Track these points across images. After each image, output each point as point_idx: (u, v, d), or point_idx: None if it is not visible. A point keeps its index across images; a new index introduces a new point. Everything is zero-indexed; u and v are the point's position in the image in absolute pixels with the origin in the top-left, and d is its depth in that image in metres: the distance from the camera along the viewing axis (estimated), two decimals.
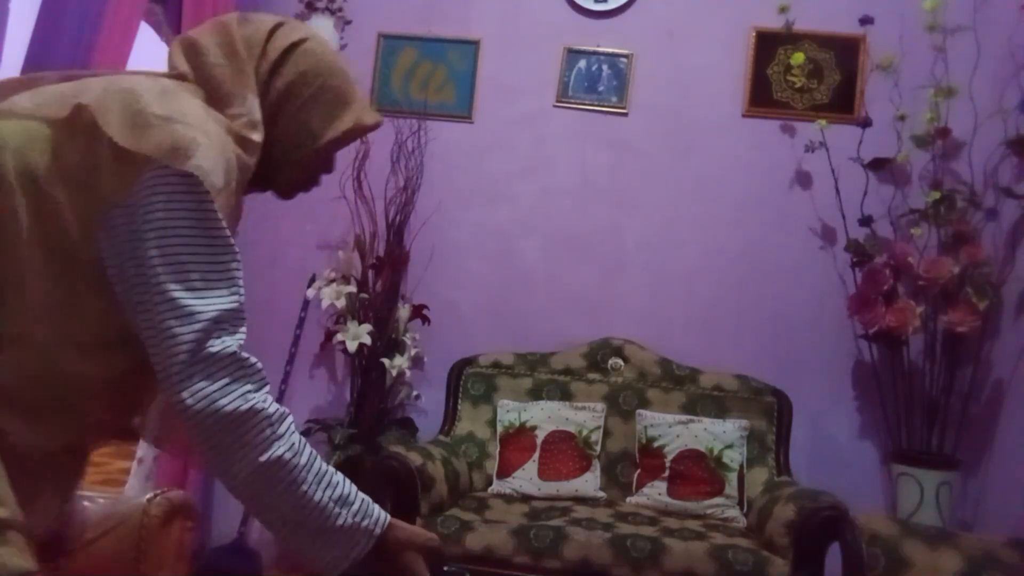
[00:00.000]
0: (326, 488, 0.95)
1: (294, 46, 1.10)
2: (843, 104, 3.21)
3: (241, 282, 0.96)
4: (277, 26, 1.12)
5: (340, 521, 0.95)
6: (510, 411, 2.94)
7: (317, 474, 0.95)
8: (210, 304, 0.91)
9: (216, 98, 1.04)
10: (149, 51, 3.35)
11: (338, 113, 1.12)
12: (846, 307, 3.04)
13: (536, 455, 2.82)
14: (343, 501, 0.96)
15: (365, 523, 0.97)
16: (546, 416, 2.89)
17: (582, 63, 3.37)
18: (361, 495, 0.99)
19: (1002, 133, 2.89)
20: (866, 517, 1.89)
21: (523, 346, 3.17)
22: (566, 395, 3.02)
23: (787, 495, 2.48)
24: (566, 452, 2.82)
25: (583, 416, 2.90)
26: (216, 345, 0.90)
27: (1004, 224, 2.91)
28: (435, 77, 3.43)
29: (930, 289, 2.88)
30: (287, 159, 1.12)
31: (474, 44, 3.41)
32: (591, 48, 3.37)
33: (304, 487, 0.93)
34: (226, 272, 0.94)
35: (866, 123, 3.08)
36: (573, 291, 3.28)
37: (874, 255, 2.98)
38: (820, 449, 3.06)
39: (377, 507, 1.00)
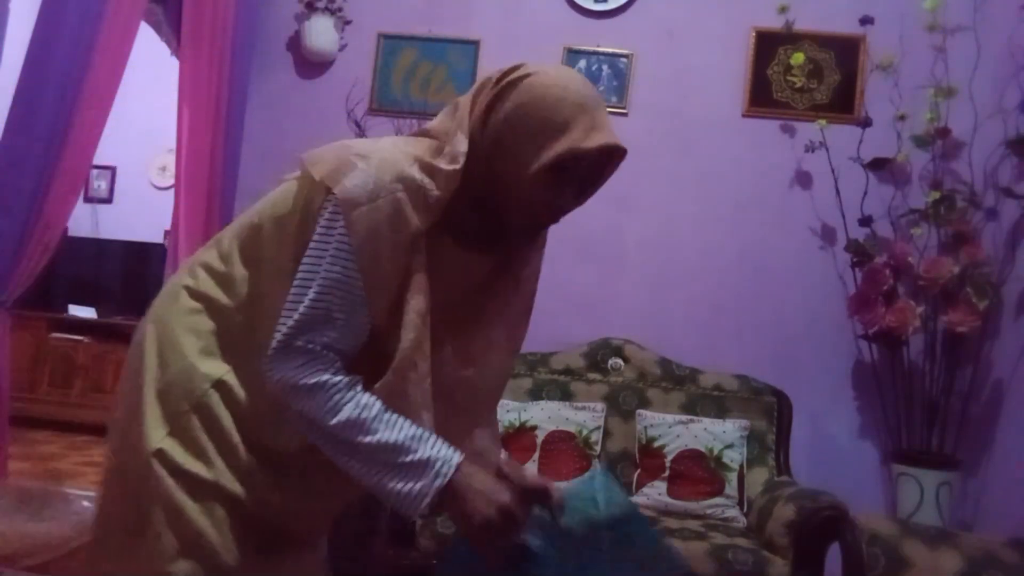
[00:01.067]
0: (399, 430, 1.04)
1: (517, 80, 1.07)
2: (843, 104, 3.21)
3: (326, 297, 1.05)
4: (514, 68, 1.10)
5: (420, 453, 1.03)
6: (510, 411, 2.94)
7: (388, 421, 1.05)
8: (306, 310, 1.05)
9: (438, 143, 1.11)
10: (149, 51, 3.35)
11: (551, 140, 1.04)
12: (846, 307, 3.04)
13: (536, 455, 2.82)
14: (418, 438, 1.04)
15: (444, 452, 1.05)
16: (546, 416, 2.89)
17: (582, 63, 3.37)
18: (435, 437, 1.06)
19: (1002, 133, 2.89)
20: (866, 517, 1.89)
21: (523, 346, 3.16)
22: (566, 395, 3.02)
23: (787, 495, 2.48)
24: (566, 452, 2.82)
25: (583, 416, 2.90)
26: (300, 340, 1.05)
27: (1004, 224, 2.91)
28: (435, 77, 3.43)
29: (930, 289, 2.88)
30: (511, 197, 1.10)
31: (474, 44, 3.42)
32: (591, 48, 3.37)
33: (378, 432, 1.03)
34: (320, 288, 1.05)
35: (866, 123, 3.08)
36: (573, 291, 3.28)
37: (874, 255, 2.98)
38: (820, 449, 3.06)
39: (449, 447, 1.06)
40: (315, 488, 1.18)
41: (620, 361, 3.08)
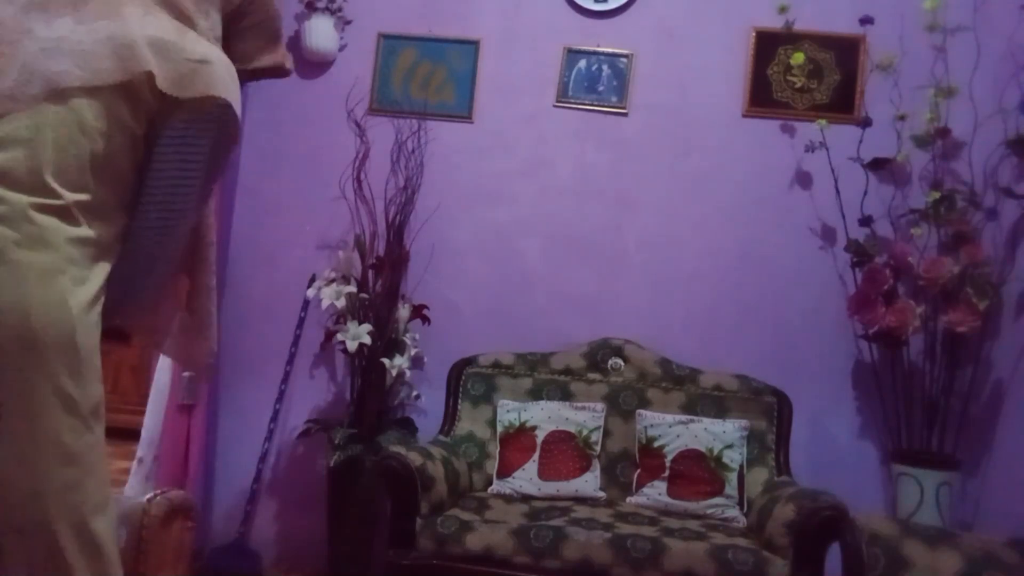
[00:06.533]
0: None
1: None
2: (843, 104, 3.21)
3: None
4: None
5: None
6: (510, 411, 2.94)
7: None
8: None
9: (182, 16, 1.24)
10: None
11: (271, 48, 1.31)
12: (846, 307, 3.04)
13: (536, 455, 2.82)
14: None
15: None
16: (546, 416, 2.89)
17: (582, 63, 3.37)
18: None
19: (1002, 133, 2.90)
20: (866, 517, 1.89)
21: (523, 346, 3.17)
22: (566, 395, 3.02)
23: (787, 495, 2.48)
24: (566, 452, 2.82)
25: (583, 416, 2.90)
26: None
27: (1004, 224, 2.91)
28: (435, 77, 3.43)
29: (930, 289, 2.88)
30: None
31: (474, 44, 3.41)
32: (591, 48, 3.37)
33: None
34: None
35: (866, 123, 3.08)
36: (573, 291, 3.28)
37: (874, 255, 2.98)
38: (820, 449, 3.06)
39: None
40: None
41: (620, 361, 3.08)
